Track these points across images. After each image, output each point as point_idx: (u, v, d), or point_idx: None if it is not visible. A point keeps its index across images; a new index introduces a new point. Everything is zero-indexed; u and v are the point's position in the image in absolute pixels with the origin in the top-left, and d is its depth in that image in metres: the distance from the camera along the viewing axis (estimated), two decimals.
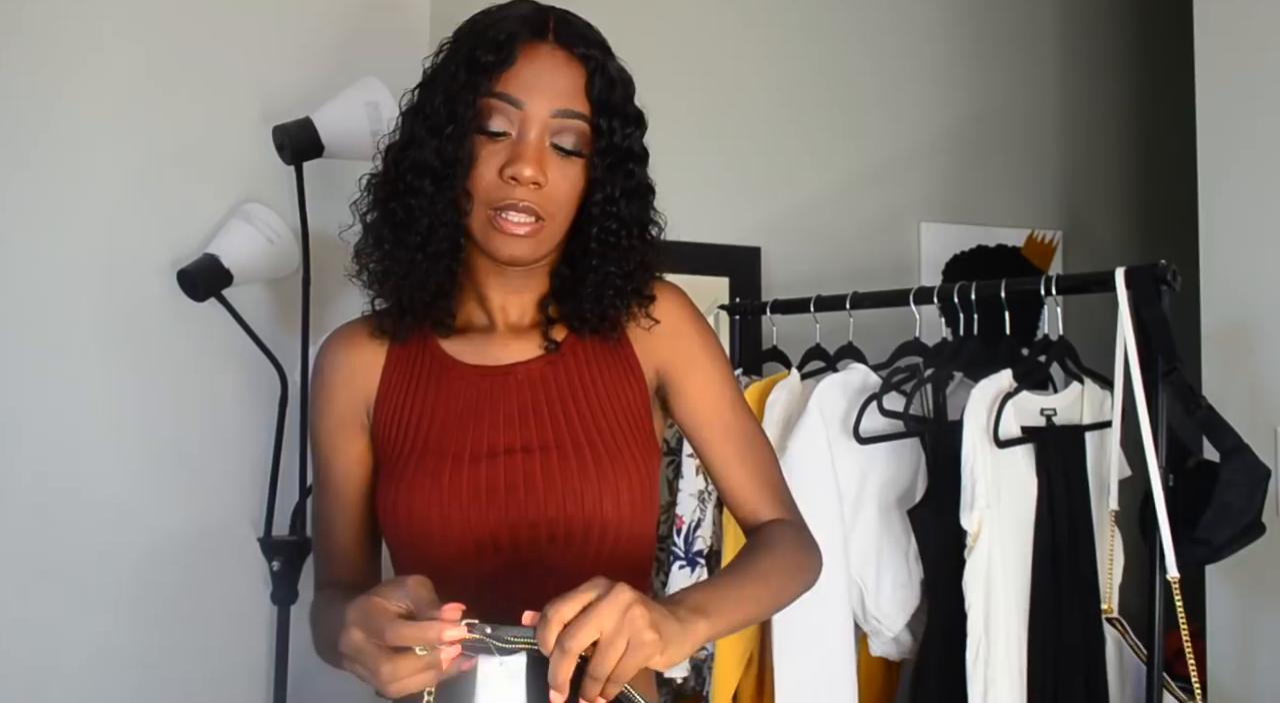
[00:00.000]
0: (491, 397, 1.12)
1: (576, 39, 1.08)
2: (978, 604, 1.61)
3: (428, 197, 1.07)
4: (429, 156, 1.06)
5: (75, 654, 1.62)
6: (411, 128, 1.10)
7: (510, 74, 1.05)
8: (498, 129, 1.06)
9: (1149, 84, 3.01)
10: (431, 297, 1.12)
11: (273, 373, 1.70)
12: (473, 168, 1.06)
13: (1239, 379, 1.89)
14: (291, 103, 1.73)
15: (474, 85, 1.05)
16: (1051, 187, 2.95)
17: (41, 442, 1.62)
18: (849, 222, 2.74)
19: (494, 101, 1.05)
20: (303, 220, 1.68)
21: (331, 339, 1.22)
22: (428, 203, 1.07)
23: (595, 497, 1.08)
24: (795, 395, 1.89)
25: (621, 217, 1.11)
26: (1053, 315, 1.76)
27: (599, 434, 1.11)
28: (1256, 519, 1.51)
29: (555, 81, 1.06)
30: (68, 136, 1.66)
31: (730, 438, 1.19)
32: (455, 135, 1.05)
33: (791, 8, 2.74)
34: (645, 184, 1.14)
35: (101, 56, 1.68)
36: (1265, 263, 1.88)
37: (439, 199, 1.07)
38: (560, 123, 1.06)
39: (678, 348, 1.19)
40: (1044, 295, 1.70)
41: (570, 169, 1.08)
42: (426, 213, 1.07)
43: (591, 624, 0.82)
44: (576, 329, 1.16)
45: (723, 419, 1.19)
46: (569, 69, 1.07)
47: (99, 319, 1.66)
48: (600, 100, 1.08)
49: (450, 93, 1.06)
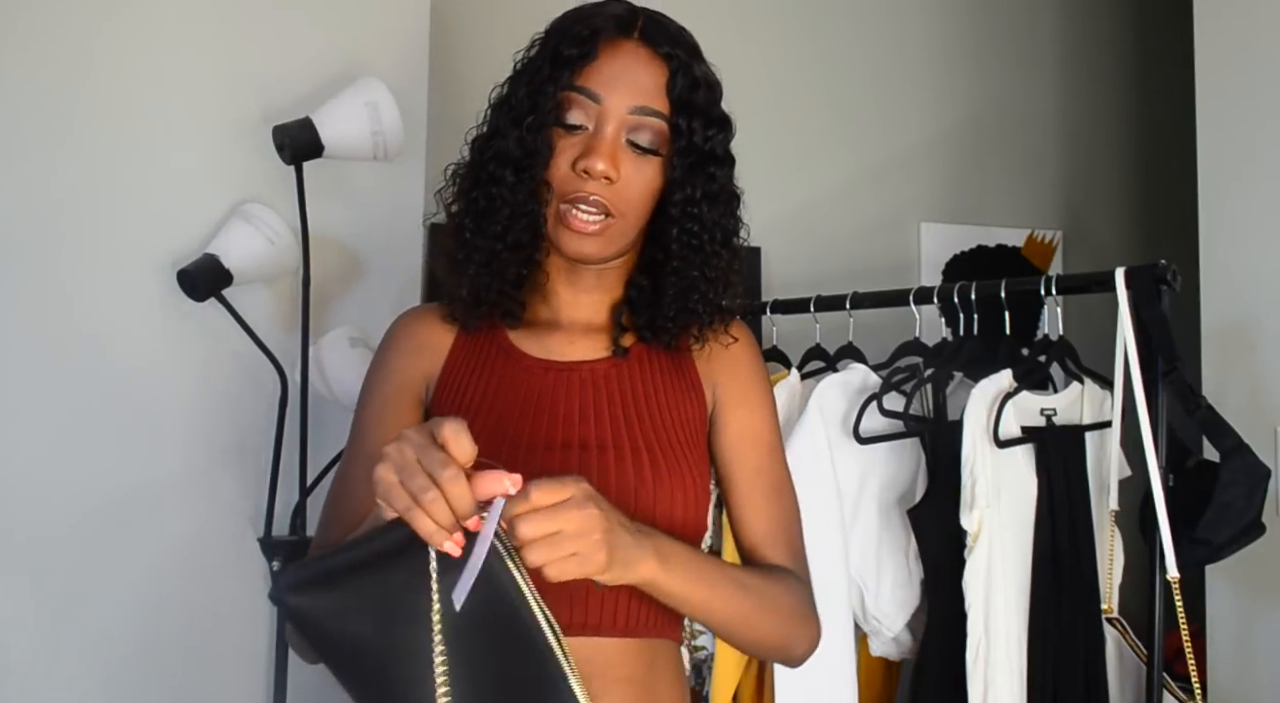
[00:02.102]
0: (554, 392, 1.12)
1: (662, 38, 1.09)
2: (978, 604, 1.61)
3: (509, 186, 1.08)
4: (511, 146, 1.07)
5: (75, 654, 1.62)
6: (497, 119, 1.11)
7: (591, 69, 1.06)
8: (575, 122, 1.06)
9: (1149, 84, 3.01)
10: (509, 286, 1.12)
11: (273, 373, 1.70)
12: (550, 160, 1.07)
13: (1239, 379, 1.89)
14: (291, 103, 1.73)
15: (555, 78, 1.06)
16: (1051, 187, 2.95)
17: (42, 442, 1.62)
18: (849, 222, 2.74)
19: (573, 95, 1.06)
20: (303, 220, 1.68)
21: (407, 313, 1.21)
22: (509, 192, 1.08)
23: (649, 501, 1.07)
24: (795, 395, 1.89)
25: (702, 219, 1.11)
26: (1053, 315, 1.76)
27: (659, 442, 1.11)
28: (1256, 519, 1.51)
29: (635, 78, 1.06)
30: (68, 136, 1.66)
31: (759, 479, 1.17)
32: (535, 126, 1.06)
33: (791, 8, 2.74)
34: (728, 189, 1.13)
35: (101, 57, 1.68)
36: (1265, 263, 1.88)
37: (520, 189, 1.08)
38: (637, 120, 1.06)
39: (735, 377, 1.19)
40: (1044, 295, 1.70)
41: (645, 167, 1.08)
42: (508, 202, 1.08)
43: (555, 522, 0.82)
44: (646, 339, 1.16)
45: (758, 460, 1.17)
46: (651, 67, 1.07)
47: (99, 319, 1.66)
48: (681, 100, 1.08)
49: (533, 85, 1.07)
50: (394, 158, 1.71)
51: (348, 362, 1.71)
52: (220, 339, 1.70)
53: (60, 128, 1.65)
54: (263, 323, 1.71)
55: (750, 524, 1.16)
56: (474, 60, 2.37)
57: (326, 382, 1.71)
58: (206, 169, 1.73)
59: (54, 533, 1.62)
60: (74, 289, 1.65)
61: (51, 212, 1.64)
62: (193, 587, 1.69)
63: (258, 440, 1.72)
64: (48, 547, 1.62)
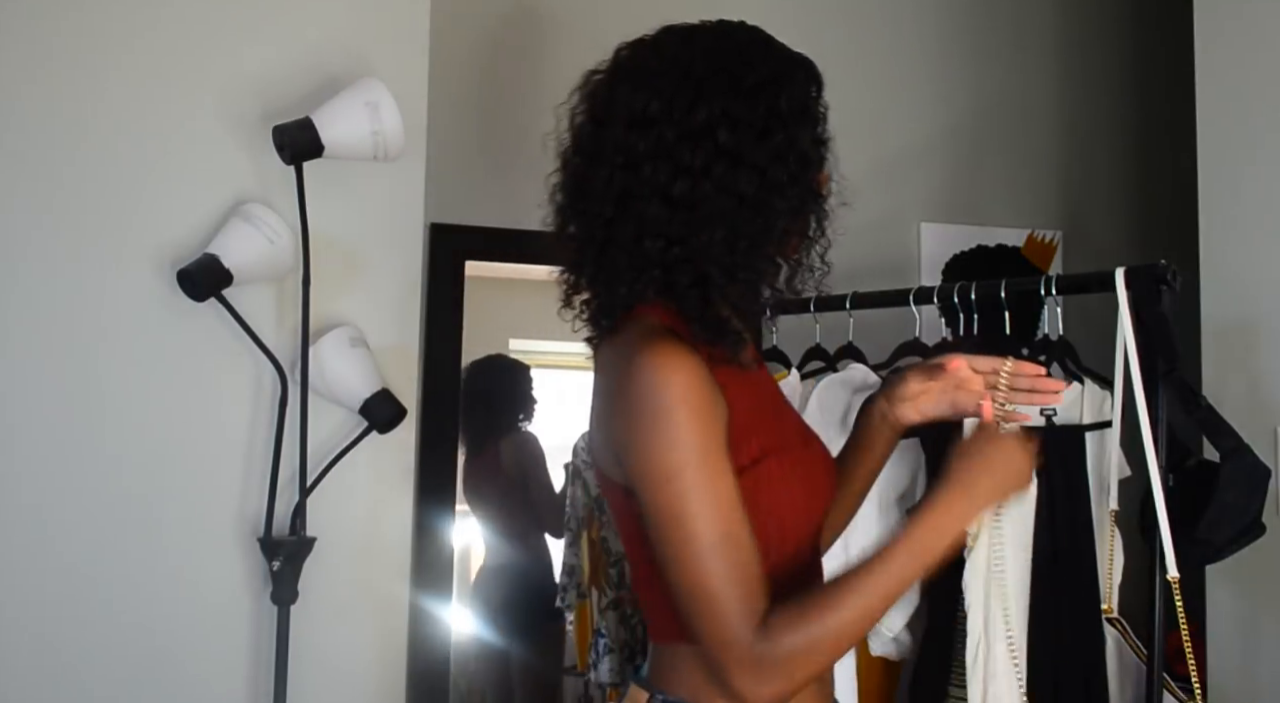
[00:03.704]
0: (776, 393, 1.24)
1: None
2: (977, 604, 1.61)
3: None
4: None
5: (75, 654, 1.62)
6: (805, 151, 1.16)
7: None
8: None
9: (1149, 84, 3.01)
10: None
11: (273, 373, 1.70)
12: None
13: (1239, 379, 1.89)
14: (291, 103, 1.73)
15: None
16: (1051, 186, 2.94)
17: (42, 442, 1.62)
18: (849, 222, 2.72)
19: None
20: (303, 220, 1.68)
21: (684, 352, 1.04)
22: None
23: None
24: (795, 395, 1.89)
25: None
26: (1053, 315, 1.76)
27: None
28: (1256, 519, 1.51)
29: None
30: (68, 136, 1.66)
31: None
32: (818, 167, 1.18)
33: (790, 8, 2.74)
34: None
35: (102, 57, 1.68)
36: (1265, 263, 1.88)
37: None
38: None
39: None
40: (1044, 295, 1.70)
41: None
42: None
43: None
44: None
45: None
46: None
47: (99, 319, 1.66)
48: None
49: (817, 135, 1.18)
50: (394, 158, 1.71)
51: (348, 362, 1.71)
52: (220, 339, 1.70)
53: (60, 128, 1.65)
54: (263, 323, 1.71)
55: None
56: (474, 60, 2.37)
57: (326, 382, 1.71)
58: (206, 169, 1.73)
59: (53, 533, 1.62)
60: (74, 289, 1.65)
61: (51, 212, 1.64)
62: (193, 587, 1.69)
63: (258, 440, 1.72)
64: (47, 547, 1.62)
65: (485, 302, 2.58)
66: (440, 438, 2.29)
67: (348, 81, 1.71)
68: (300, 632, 1.65)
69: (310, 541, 1.68)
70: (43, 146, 1.64)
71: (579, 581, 2.90)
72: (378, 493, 1.80)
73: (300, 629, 1.65)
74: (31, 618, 1.61)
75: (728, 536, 1.00)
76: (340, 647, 1.75)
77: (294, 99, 1.74)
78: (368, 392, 1.72)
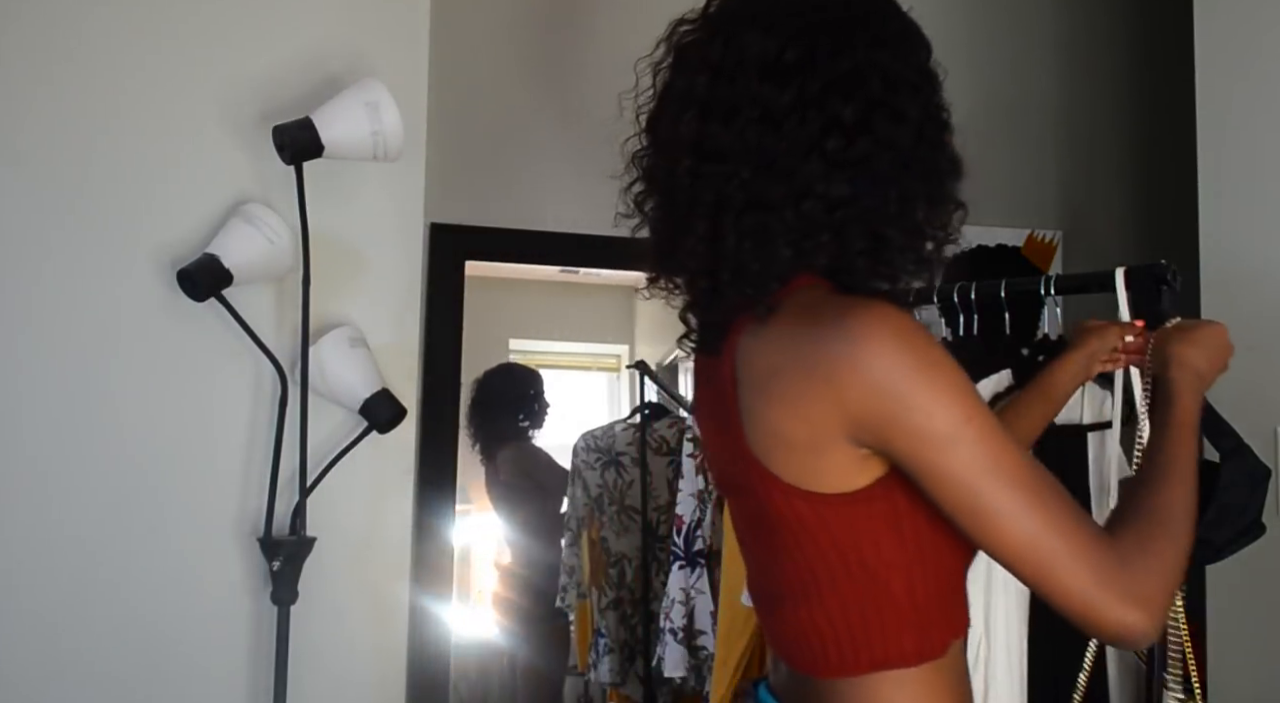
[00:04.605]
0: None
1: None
2: (978, 604, 1.61)
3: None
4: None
5: (75, 654, 1.62)
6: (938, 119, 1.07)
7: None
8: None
9: (1149, 83, 3.00)
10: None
11: (273, 373, 1.70)
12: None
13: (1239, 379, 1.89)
14: (291, 103, 1.73)
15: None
16: (1051, 187, 2.95)
17: (42, 442, 1.62)
18: None
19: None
20: (303, 220, 1.68)
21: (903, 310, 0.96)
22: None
23: None
24: None
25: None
26: (1053, 315, 1.76)
27: None
28: (1256, 519, 1.51)
29: None
30: (68, 136, 1.66)
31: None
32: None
33: None
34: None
35: (102, 56, 1.68)
36: (1265, 263, 1.88)
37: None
38: None
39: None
40: (1044, 295, 1.70)
41: None
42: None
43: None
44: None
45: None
46: None
47: (99, 319, 1.66)
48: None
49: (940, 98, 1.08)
50: (394, 158, 1.71)
51: (348, 362, 1.71)
52: (220, 339, 1.70)
53: (60, 128, 1.65)
54: (263, 323, 1.71)
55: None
56: (474, 60, 2.37)
57: (326, 382, 1.71)
58: (206, 169, 1.73)
59: (53, 533, 1.62)
60: (74, 289, 1.65)
61: (51, 212, 1.64)
62: (193, 587, 1.69)
63: (258, 440, 1.72)
64: (47, 546, 1.62)
65: (485, 302, 2.58)
66: (440, 438, 2.30)
67: (348, 81, 1.71)
68: (300, 632, 1.65)
69: (310, 540, 1.68)
70: (43, 147, 1.64)
71: (579, 580, 2.90)
72: (378, 493, 1.80)
73: (300, 629, 1.65)
74: (32, 618, 1.61)
75: (1040, 469, 0.90)
76: (340, 647, 1.75)
77: (294, 99, 1.74)
78: (368, 392, 1.72)
